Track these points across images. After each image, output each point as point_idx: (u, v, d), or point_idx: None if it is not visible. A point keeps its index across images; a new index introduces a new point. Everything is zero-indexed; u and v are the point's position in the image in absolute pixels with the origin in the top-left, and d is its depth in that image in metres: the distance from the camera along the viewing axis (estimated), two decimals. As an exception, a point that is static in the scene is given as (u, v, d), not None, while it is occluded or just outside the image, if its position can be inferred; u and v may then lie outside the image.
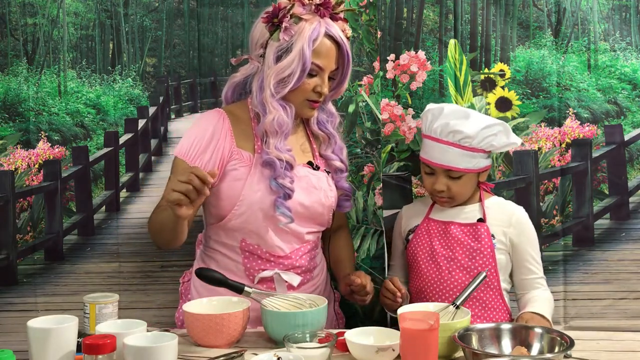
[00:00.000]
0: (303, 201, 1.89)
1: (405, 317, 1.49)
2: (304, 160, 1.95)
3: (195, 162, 1.83)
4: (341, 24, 1.90)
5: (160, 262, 2.50)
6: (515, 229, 1.98)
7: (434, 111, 1.96)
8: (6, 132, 2.54)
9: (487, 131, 1.90)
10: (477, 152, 1.92)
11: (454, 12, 2.51)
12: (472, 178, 1.96)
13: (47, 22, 2.55)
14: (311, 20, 1.83)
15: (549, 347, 1.57)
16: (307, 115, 1.93)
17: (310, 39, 1.81)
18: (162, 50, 2.57)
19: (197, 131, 1.87)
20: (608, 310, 2.47)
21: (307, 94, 1.86)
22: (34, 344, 1.45)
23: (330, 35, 1.85)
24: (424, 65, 2.49)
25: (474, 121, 1.91)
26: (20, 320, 2.43)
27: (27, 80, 2.54)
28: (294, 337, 1.58)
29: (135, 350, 1.40)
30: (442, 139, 1.92)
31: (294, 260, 1.92)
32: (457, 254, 1.93)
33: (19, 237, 2.55)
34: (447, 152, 1.91)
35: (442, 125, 1.91)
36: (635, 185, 2.49)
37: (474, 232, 1.94)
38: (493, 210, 1.99)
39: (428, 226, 2.01)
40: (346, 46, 1.88)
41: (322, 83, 1.86)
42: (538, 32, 2.51)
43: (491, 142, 1.91)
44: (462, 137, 1.89)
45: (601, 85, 2.49)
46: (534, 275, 2.00)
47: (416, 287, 2.00)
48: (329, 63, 1.86)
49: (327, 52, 1.85)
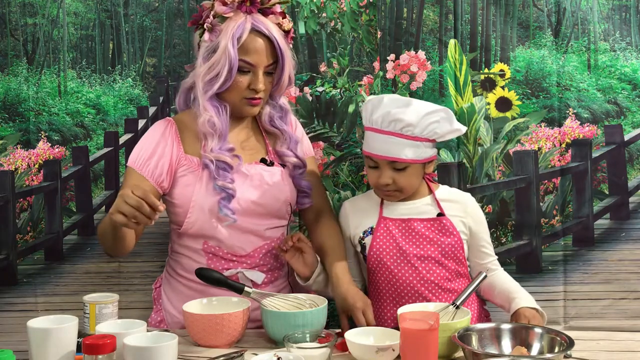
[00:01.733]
0: (255, 199, 1.88)
1: (405, 317, 1.49)
2: (256, 158, 1.93)
3: (142, 170, 1.84)
4: (274, 17, 1.87)
5: (160, 262, 2.50)
6: (472, 217, 1.94)
7: (373, 101, 1.86)
8: (6, 132, 2.54)
9: (429, 117, 1.82)
10: (420, 140, 1.83)
11: (454, 12, 2.51)
12: (418, 169, 1.88)
13: (47, 22, 2.55)
14: (235, 17, 1.82)
15: (548, 347, 1.57)
16: (249, 113, 1.90)
17: (234, 37, 1.79)
18: (162, 50, 2.57)
19: (144, 140, 1.89)
20: (608, 310, 2.47)
21: (242, 92, 1.84)
22: (34, 344, 1.45)
23: (259, 31, 1.82)
24: (424, 65, 2.49)
25: (415, 109, 1.82)
26: (20, 320, 2.44)
27: (27, 80, 2.54)
28: (294, 337, 1.58)
29: (135, 350, 1.40)
30: (383, 129, 1.82)
31: (257, 258, 1.90)
32: (429, 251, 1.87)
33: (19, 237, 2.55)
34: (389, 142, 1.82)
35: (382, 115, 1.82)
36: (635, 185, 2.49)
37: (440, 227, 1.89)
38: (447, 203, 1.93)
39: (386, 226, 1.91)
40: (278, 40, 1.82)
41: (256, 79, 1.83)
42: (538, 32, 2.51)
43: (434, 130, 1.83)
44: (404, 125, 1.81)
45: (601, 85, 2.49)
46: (490, 259, 1.98)
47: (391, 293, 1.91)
48: (260, 59, 1.82)
49: (256, 48, 1.81)
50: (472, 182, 2.46)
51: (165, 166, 1.85)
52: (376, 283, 1.93)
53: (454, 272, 1.89)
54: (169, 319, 1.94)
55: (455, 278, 1.90)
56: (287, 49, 1.86)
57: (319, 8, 2.50)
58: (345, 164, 2.50)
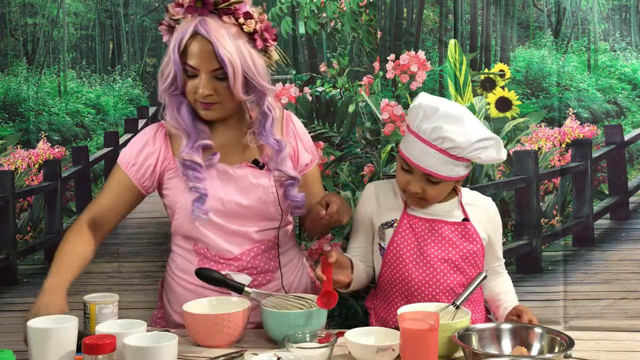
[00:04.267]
0: (240, 201, 1.86)
1: (405, 317, 1.49)
2: (247, 159, 1.90)
3: (127, 168, 1.87)
4: (229, 18, 1.79)
5: (160, 262, 2.50)
6: (492, 223, 1.96)
7: (426, 109, 1.81)
8: (6, 132, 2.54)
9: (479, 144, 1.79)
10: (461, 161, 1.82)
11: (454, 12, 2.51)
12: (449, 184, 1.87)
13: (47, 22, 2.55)
14: (187, 19, 1.79)
15: (549, 347, 1.57)
16: (207, 117, 1.85)
17: (177, 40, 1.77)
18: (162, 50, 2.57)
19: (134, 141, 1.92)
20: (608, 310, 2.47)
21: (194, 95, 1.81)
22: (34, 344, 1.45)
23: (201, 34, 1.76)
24: (424, 65, 2.49)
25: (468, 131, 1.78)
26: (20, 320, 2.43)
27: (27, 80, 2.54)
28: (294, 337, 1.58)
29: (135, 350, 1.40)
30: (428, 141, 1.79)
31: (245, 261, 1.89)
32: (451, 255, 1.87)
33: (19, 237, 2.55)
34: (430, 155, 1.79)
35: (433, 128, 1.78)
36: (635, 185, 2.49)
37: (464, 232, 1.90)
38: (471, 207, 1.94)
39: (410, 223, 1.89)
40: (216, 44, 1.73)
41: (200, 83, 1.78)
42: (538, 32, 2.51)
43: (479, 155, 1.81)
44: (452, 146, 1.78)
45: (601, 85, 2.49)
46: (499, 263, 2.01)
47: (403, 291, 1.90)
48: (202, 63, 1.76)
49: (197, 52, 1.76)
50: (473, 182, 2.46)
51: (150, 168, 1.87)
52: (389, 278, 1.92)
53: (470, 278, 1.88)
54: (167, 317, 1.96)
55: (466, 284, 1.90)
56: (233, 53, 1.75)
57: (319, 8, 2.50)
58: (345, 164, 2.50)
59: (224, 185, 1.85)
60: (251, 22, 1.80)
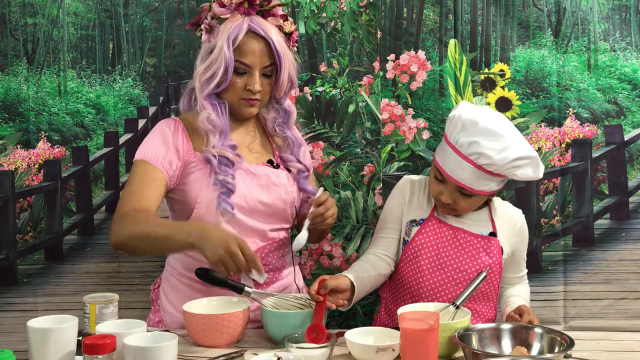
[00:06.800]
0: (263, 199, 1.89)
1: (405, 317, 1.49)
2: (263, 159, 1.95)
3: (156, 162, 1.83)
4: (274, 19, 1.89)
5: (160, 262, 2.49)
6: (519, 236, 1.95)
7: (465, 123, 1.77)
8: (6, 132, 2.54)
9: (516, 162, 1.75)
10: (496, 177, 1.80)
11: (454, 12, 2.51)
12: (482, 198, 1.86)
13: (47, 22, 2.55)
14: (232, 19, 1.84)
15: (549, 347, 1.57)
16: (247, 113, 1.90)
17: (229, 38, 1.81)
18: (162, 50, 2.57)
19: (154, 135, 1.89)
20: (608, 310, 2.47)
21: (240, 92, 1.86)
22: (34, 344, 1.45)
23: (255, 32, 1.83)
24: (424, 65, 2.49)
25: (506, 148, 1.74)
26: (20, 320, 2.44)
27: (27, 80, 2.54)
28: (294, 337, 1.59)
29: (135, 350, 1.40)
30: (464, 155, 1.76)
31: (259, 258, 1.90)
32: (468, 267, 1.85)
33: (19, 237, 2.55)
34: (465, 169, 1.77)
35: (470, 143, 1.74)
36: (635, 185, 2.49)
37: (487, 247, 1.87)
38: (501, 219, 1.92)
39: (434, 227, 1.89)
40: (275, 42, 1.83)
41: (252, 80, 1.84)
42: (538, 32, 2.51)
43: (514, 172, 1.77)
44: (488, 162, 1.74)
45: (601, 85, 2.49)
46: (522, 273, 2.01)
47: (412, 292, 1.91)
48: (256, 60, 1.83)
49: (253, 49, 1.83)
50: (472, 182, 2.46)
51: (174, 162, 1.85)
52: (403, 274, 1.92)
53: (482, 293, 1.88)
54: (167, 319, 1.94)
55: (482, 300, 1.90)
56: (286, 51, 1.87)
57: (319, 8, 2.50)
58: (345, 164, 2.50)
59: (247, 183, 1.87)
60: (287, 23, 1.90)
